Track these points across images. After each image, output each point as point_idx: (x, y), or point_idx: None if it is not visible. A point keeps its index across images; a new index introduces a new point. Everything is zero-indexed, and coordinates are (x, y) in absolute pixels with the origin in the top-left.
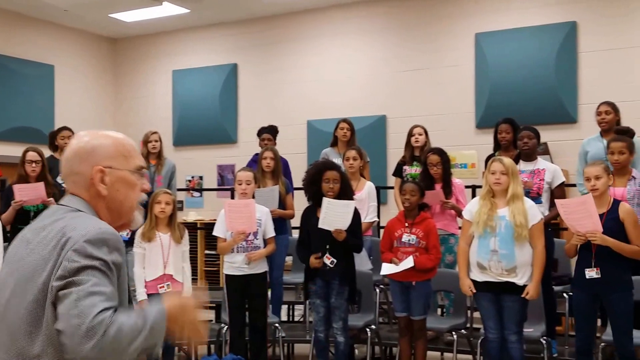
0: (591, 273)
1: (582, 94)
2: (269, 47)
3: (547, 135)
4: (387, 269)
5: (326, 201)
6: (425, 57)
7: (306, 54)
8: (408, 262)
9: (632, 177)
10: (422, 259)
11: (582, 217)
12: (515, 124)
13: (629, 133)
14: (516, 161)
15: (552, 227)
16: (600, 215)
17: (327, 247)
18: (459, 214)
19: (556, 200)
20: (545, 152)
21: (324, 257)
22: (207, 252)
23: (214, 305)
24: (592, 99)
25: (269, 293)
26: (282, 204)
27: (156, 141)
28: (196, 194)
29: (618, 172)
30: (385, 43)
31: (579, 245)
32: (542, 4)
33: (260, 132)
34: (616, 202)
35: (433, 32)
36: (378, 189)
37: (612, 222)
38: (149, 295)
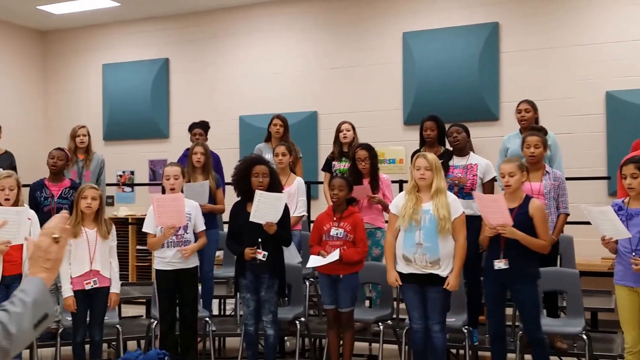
0: (499, 264)
1: (504, 92)
2: (201, 42)
3: (471, 132)
4: (314, 261)
5: (258, 194)
6: (355, 55)
7: (239, 49)
8: (334, 255)
9: (546, 172)
10: (349, 252)
11: (495, 212)
12: (440, 121)
13: (542, 131)
14: (443, 157)
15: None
16: (512, 210)
17: (260, 240)
18: (386, 208)
19: (474, 193)
20: (470, 148)
21: (256, 250)
22: (138, 247)
23: (144, 300)
24: (513, 98)
25: (200, 287)
26: (213, 199)
27: (84, 135)
28: (127, 189)
29: (533, 166)
30: (317, 40)
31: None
32: (466, 5)
33: (191, 127)
34: (527, 198)
35: (363, 31)
36: (309, 184)
37: (522, 216)
38: (75, 291)
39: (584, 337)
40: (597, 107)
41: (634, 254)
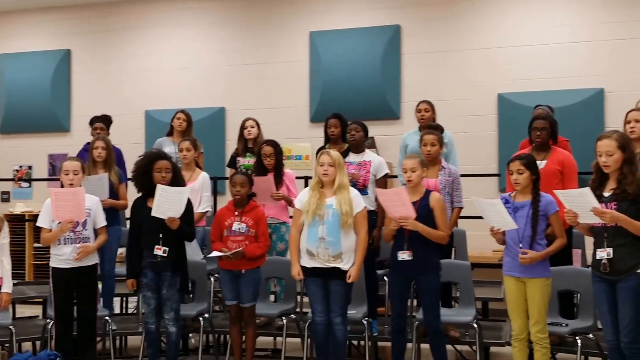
0: (403, 255)
1: (405, 92)
2: (105, 34)
3: (374, 130)
4: (215, 254)
5: (160, 188)
6: (263, 52)
7: (145, 43)
8: (234, 252)
9: (442, 167)
10: (251, 247)
11: (397, 205)
12: (343, 119)
13: (438, 129)
14: (347, 154)
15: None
16: (414, 203)
17: (161, 236)
18: (290, 203)
19: (376, 189)
20: (372, 146)
21: (155, 248)
22: (35, 245)
23: (41, 300)
24: (413, 98)
25: (100, 286)
26: (115, 194)
27: None
28: (24, 184)
29: (429, 163)
30: (225, 36)
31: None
32: (370, 7)
33: (93, 121)
34: (428, 192)
35: (271, 28)
36: (215, 179)
37: (423, 209)
38: None
39: (475, 325)
40: (490, 108)
41: (521, 245)
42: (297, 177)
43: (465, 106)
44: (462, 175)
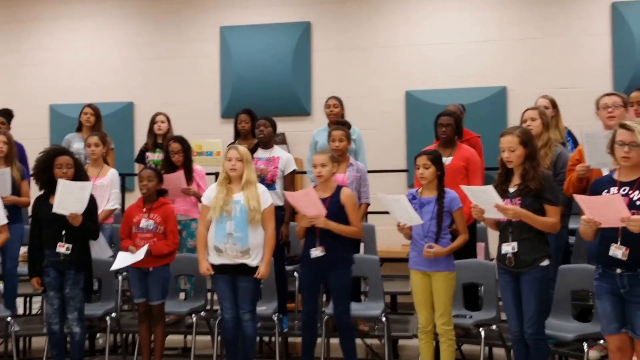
0: (316, 252)
1: (315, 89)
2: (4, 27)
3: (285, 126)
4: (120, 261)
5: (61, 183)
6: (173, 46)
7: (49, 35)
8: (140, 253)
9: (350, 164)
10: (159, 244)
11: (308, 205)
12: (254, 114)
13: (346, 125)
14: (256, 149)
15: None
16: (325, 200)
17: (63, 233)
18: (199, 199)
19: (284, 192)
20: (283, 142)
21: (57, 245)
22: None
23: None
24: (323, 94)
25: (2, 286)
26: (17, 191)
27: None
28: None
29: (339, 158)
30: (134, 29)
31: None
32: (281, 4)
33: None
34: (339, 188)
35: (181, 22)
36: (123, 175)
37: (334, 205)
38: None
39: (383, 319)
40: (398, 105)
41: (426, 240)
42: (209, 174)
43: (374, 103)
44: (371, 172)
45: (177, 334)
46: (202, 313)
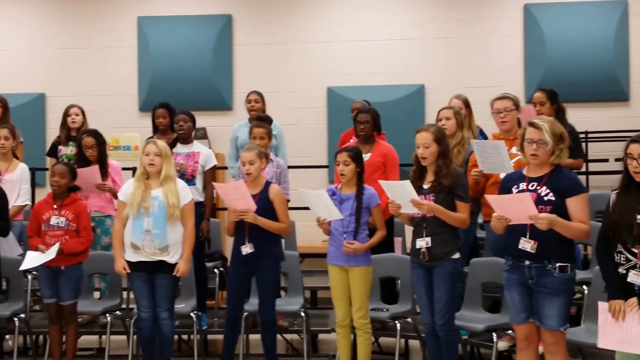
0: (246, 249)
1: (237, 83)
2: None
3: (206, 120)
4: (29, 261)
5: None
6: (88, 36)
7: None
8: (52, 252)
9: (270, 160)
10: (71, 242)
11: (237, 199)
12: (172, 109)
13: (267, 120)
14: (175, 144)
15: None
16: (254, 196)
17: None
18: (115, 195)
19: (215, 184)
20: (204, 136)
21: None
22: None
23: None
24: (245, 89)
25: None
26: None
27: None
28: None
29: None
30: (47, 17)
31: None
32: None
33: None
34: (268, 184)
35: (97, 11)
36: (34, 170)
37: (263, 201)
38: None
39: (302, 314)
40: (320, 101)
41: (345, 235)
42: (126, 169)
43: (296, 98)
44: (293, 167)
45: (91, 334)
46: (118, 312)
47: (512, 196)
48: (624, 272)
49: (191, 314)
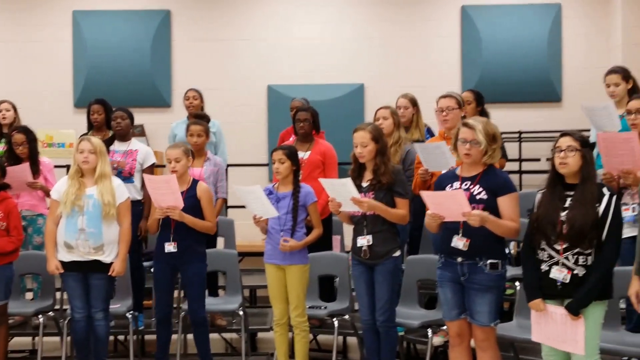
0: (169, 247)
1: (176, 80)
2: None
3: (144, 117)
4: None
5: None
6: (22, 29)
7: None
8: None
9: (207, 158)
10: (0, 241)
11: (166, 194)
12: (108, 105)
13: (204, 118)
14: (112, 142)
15: None
16: (181, 193)
17: None
18: (48, 193)
19: (144, 175)
20: (142, 133)
21: None
22: None
23: None
24: (184, 86)
25: None
26: None
27: None
28: None
29: (197, 153)
30: None
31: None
32: None
33: None
34: (195, 182)
35: (29, 5)
36: None
37: (190, 200)
38: None
39: (241, 313)
40: (260, 99)
41: (282, 234)
42: (61, 166)
43: (236, 96)
44: (233, 165)
45: (24, 336)
46: (51, 313)
47: (446, 193)
48: (547, 268)
49: (127, 314)
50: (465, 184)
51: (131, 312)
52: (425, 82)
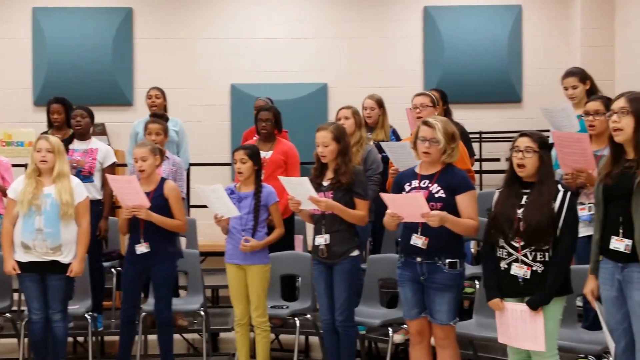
0: (141, 248)
1: (138, 78)
2: None
3: (105, 116)
4: None
5: None
6: None
7: None
8: None
9: (166, 157)
10: None
11: (130, 194)
12: (68, 103)
13: (163, 117)
14: (71, 140)
15: None
16: (148, 193)
17: None
18: (4, 193)
19: (107, 176)
20: (103, 132)
21: None
22: None
23: None
24: (147, 84)
25: None
26: None
27: None
28: None
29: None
30: None
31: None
32: None
33: None
34: (163, 180)
35: None
36: None
37: (158, 199)
38: None
39: (202, 313)
40: (223, 98)
41: (243, 233)
42: (20, 165)
43: (199, 95)
44: (196, 165)
45: None
46: (7, 314)
47: (405, 196)
48: (506, 266)
49: (86, 316)
50: (424, 182)
51: (90, 313)
52: (388, 82)
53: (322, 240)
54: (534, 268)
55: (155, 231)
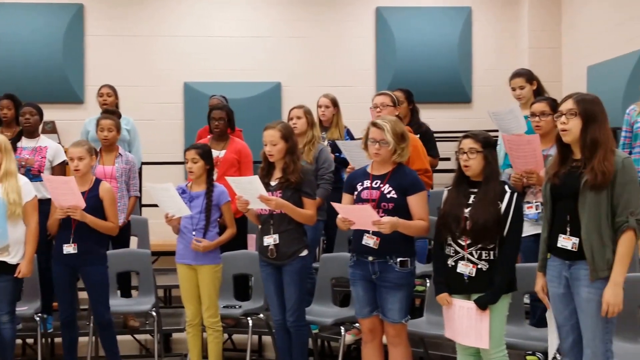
0: (68, 248)
1: (89, 75)
2: None
3: (56, 114)
4: None
5: None
6: None
7: None
8: None
9: (119, 154)
10: None
11: (66, 194)
12: (17, 100)
13: (115, 114)
14: (20, 138)
15: None
16: (83, 193)
17: None
18: None
19: (43, 176)
20: (53, 130)
21: None
22: None
23: None
24: (98, 81)
25: None
26: None
27: None
28: None
29: (108, 149)
30: None
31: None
32: None
33: None
34: (97, 181)
35: None
36: None
37: (93, 200)
38: None
39: (154, 313)
40: (176, 97)
41: (194, 233)
42: None
43: (152, 93)
44: (148, 163)
45: None
46: None
47: (355, 207)
48: (453, 263)
49: (35, 317)
50: (376, 182)
51: (39, 314)
52: (341, 82)
53: (271, 240)
54: (479, 266)
55: (87, 232)
